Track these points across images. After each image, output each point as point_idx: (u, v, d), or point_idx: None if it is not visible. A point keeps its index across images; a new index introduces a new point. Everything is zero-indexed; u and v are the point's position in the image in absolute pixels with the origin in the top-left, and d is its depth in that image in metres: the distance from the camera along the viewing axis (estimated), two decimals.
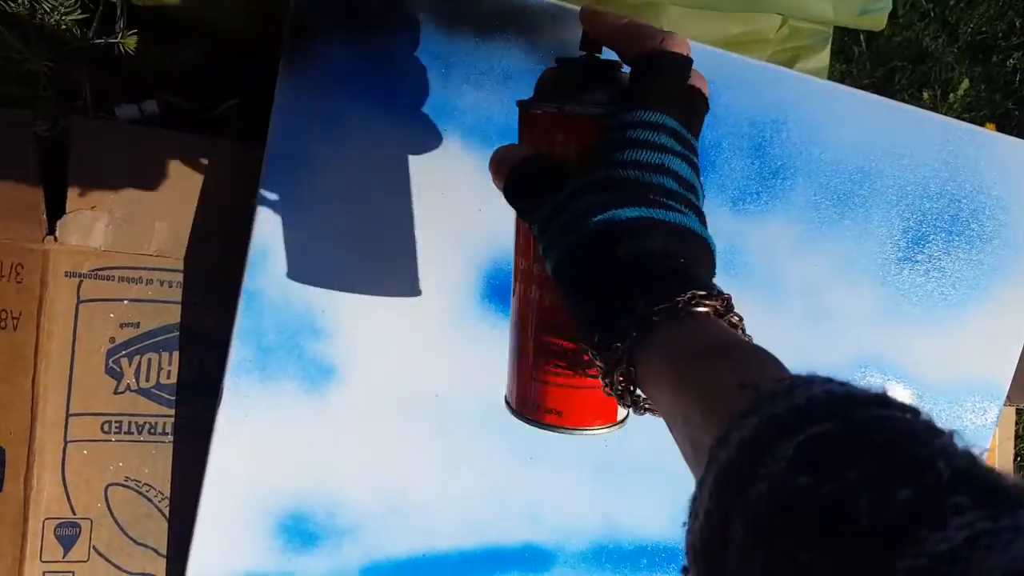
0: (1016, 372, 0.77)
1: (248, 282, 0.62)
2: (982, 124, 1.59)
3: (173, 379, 0.67)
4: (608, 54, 0.40)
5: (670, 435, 0.31)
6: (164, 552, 0.67)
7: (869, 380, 0.74)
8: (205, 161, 0.66)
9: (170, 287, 0.67)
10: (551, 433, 0.42)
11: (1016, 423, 1.14)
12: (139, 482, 0.67)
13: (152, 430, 0.67)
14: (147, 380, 0.67)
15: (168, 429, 0.67)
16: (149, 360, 0.67)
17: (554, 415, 0.41)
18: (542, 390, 0.41)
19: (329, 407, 0.64)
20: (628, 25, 0.35)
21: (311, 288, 0.62)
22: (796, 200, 0.70)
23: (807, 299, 0.72)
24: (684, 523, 0.27)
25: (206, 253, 0.67)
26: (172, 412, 0.67)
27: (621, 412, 0.41)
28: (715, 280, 0.33)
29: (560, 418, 0.40)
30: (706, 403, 0.28)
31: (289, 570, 0.67)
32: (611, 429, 0.41)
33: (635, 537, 0.73)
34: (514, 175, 0.36)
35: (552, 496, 0.71)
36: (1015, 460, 1.11)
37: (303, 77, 0.60)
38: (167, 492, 0.67)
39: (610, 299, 0.31)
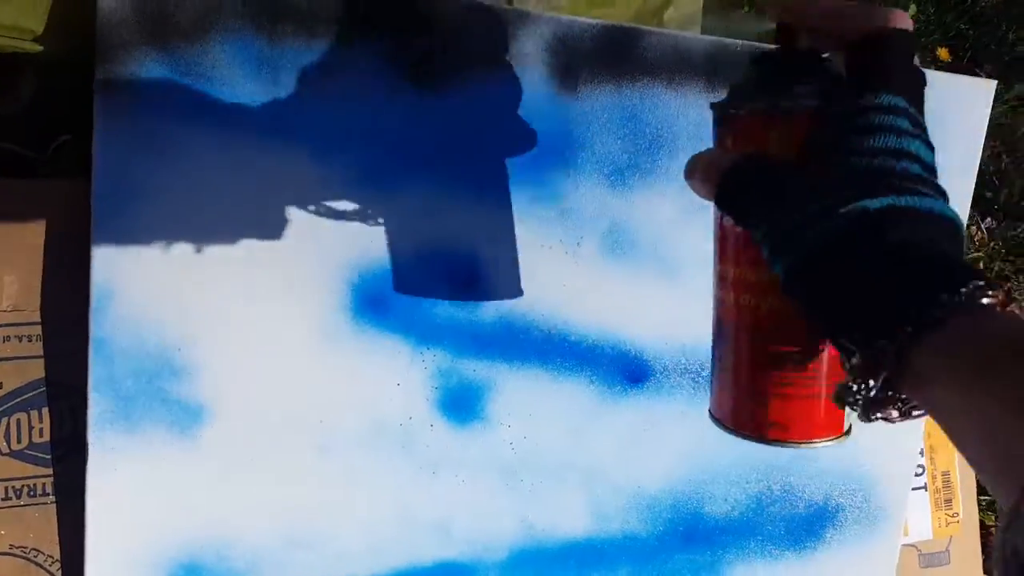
0: None
1: (95, 329, 0.58)
2: (934, 50, 1.53)
3: (46, 436, 0.64)
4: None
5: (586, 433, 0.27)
6: None
7: None
8: (45, 205, 0.62)
9: (29, 341, 0.64)
10: (776, 448, 0.39)
11: None
12: (25, 548, 0.64)
13: (31, 492, 0.64)
14: (18, 442, 0.64)
15: (48, 489, 0.64)
16: (18, 420, 0.64)
17: (779, 429, 0.38)
18: (764, 403, 0.38)
19: (204, 448, 0.61)
20: (845, 7, 0.32)
21: (162, 325, 0.59)
22: (679, 168, 0.65)
23: (702, 273, 0.67)
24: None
25: (61, 300, 0.63)
26: (50, 471, 0.64)
27: (847, 422, 0.39)
28: None
29: (785, 432, 0.38)
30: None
31: None
32: (838, 441, 0.38)
33: (558, 539, 0.70)
34: (729, 178, 0.34)
35: (461, 508, 0.67)
36: None
37: (120, 102, 0.56)
38: (57, 555, 0.64)
39: (877, 295, 0.28)
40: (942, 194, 0.31)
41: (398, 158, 0.61)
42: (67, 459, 0.64)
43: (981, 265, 1.18)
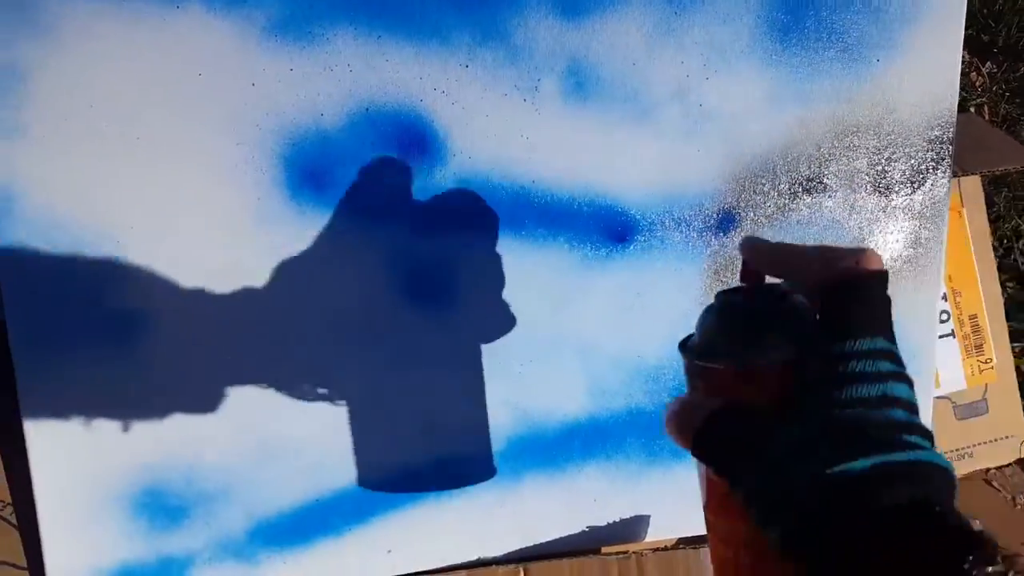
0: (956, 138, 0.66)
1: (0, 236, 0.52)
2: None
3: None
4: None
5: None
6: (23, 564, 0.59)
7: (779, 187, 0.63)
8: None
9: None
10: None
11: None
12: None
13: None
14: None
15: None
16: None
17: None
18: None
19: (144, 359, 0.55)
20: (812, 249, 0.33)
21: (77, 225, 0.52)
22: None
23: (680, 104, 0.60)
24: None
25: None
26: None
27: None
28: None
29: None
30: None
31: (168, 552, 0.58)
32: None
33: (557, 421, 0.63)
34: (704, 435, 0.32)
35: (447, 400, 0.61)
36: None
37: None
38: (8, 498, 0.59)
39: (877, 567, 0.28)
40: (929, 437, 0.30)
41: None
42: None
43: (986, 111, 1.10)
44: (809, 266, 0.33)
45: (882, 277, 0.32)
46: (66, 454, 0.55)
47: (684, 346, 0.35)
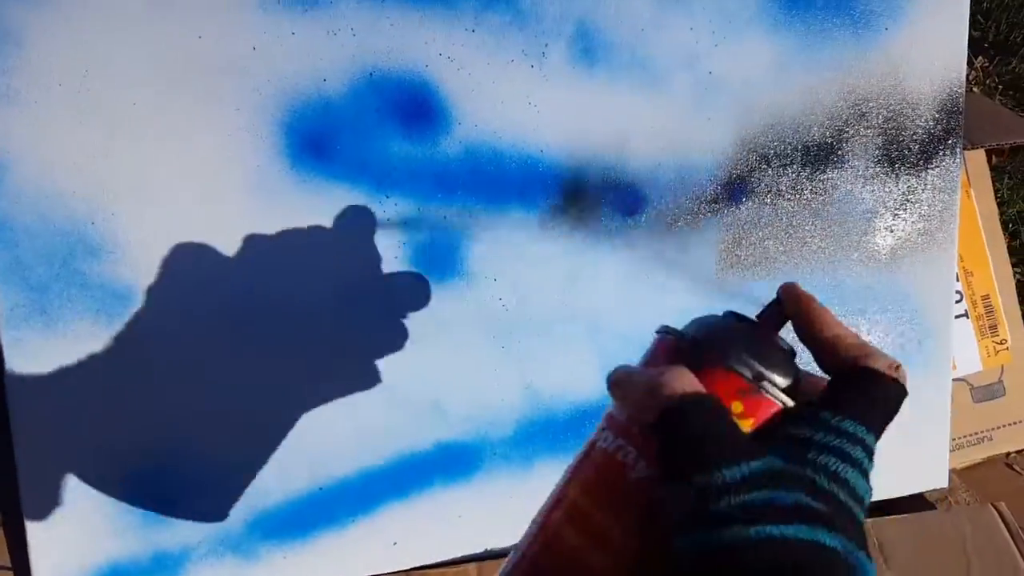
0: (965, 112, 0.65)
1: None
2: None
3: None
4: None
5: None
6: (7, 564, 0.55)
7: (790, 156, 0.61)
8: None
9: None
10: None
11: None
12: None
13: None
14: None
15: None
16: None
17: None
18: None
19: (138, 339, 0.52)
20: (852, 336, 0.33)
21: (69, 197, 0.50)
22: None
23: (689, 71, 0.59)
24: None
25: None
26: None
27: None
28: None
29: None
30: None
31: (162, 547, 0.55)
32: None
33: (568, 403, 0.61)
34: (680, 416, 0.30)
35: (454, 381, 0.59)
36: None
37: None
38: None
39: None
40: (861, 538, 0.30)
41: None
42: None
43: None
44: (842, 340, 0.32)
45: (902, 392, 0.32)
46: (54, 444, 0.52)
47: (667, 329, 0.33)
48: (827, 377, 0.32)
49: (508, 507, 0.61)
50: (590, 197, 0.59)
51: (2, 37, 0.49)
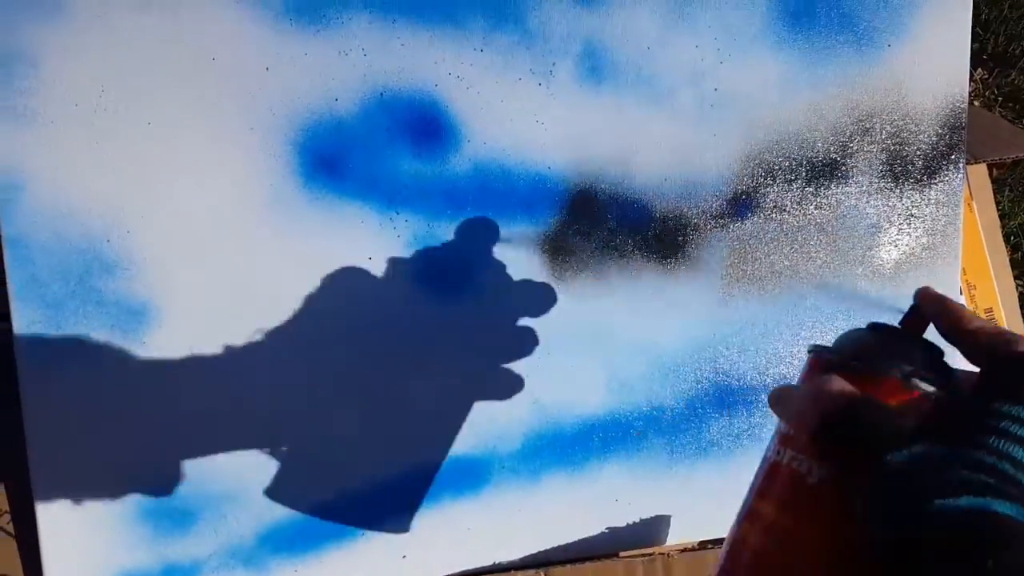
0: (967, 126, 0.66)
1: (6, 227, 0.50)
2: None
3: None
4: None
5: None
6: (20, 575, 0.56)
7: (796, 172, 0.62)
8: None
9: None
10: None
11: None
12: None
13: None
14: None
15: None
16: None
17: None
18: None
19: (152, 355, 0.53)
20: (991, 325, 0.34)
21: (85, 215, 0.51)
22: None
23: (694, 88, 0.60)
24: None
25: None
26: None
27: None
28: None
29: None
30: None
31: (173, 560, 0.56)
32: None
33: (576, 417, 0.62)
34: (846, 413, 0.33)
35: (462, 397, 0.59)
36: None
37: None
38: (4, 505, 0.56)
39: None
40: None
41: None
42: None
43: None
44: (984, 331, 0.34)
45: None
46: (68, 458, 0.52)
47: (818, 347, 0.36)
48: (977, 369, 0.34)
49: (517, 520, 0.61)
50: (597, 213, 0.60)
51: (19, 58, 0.50)
